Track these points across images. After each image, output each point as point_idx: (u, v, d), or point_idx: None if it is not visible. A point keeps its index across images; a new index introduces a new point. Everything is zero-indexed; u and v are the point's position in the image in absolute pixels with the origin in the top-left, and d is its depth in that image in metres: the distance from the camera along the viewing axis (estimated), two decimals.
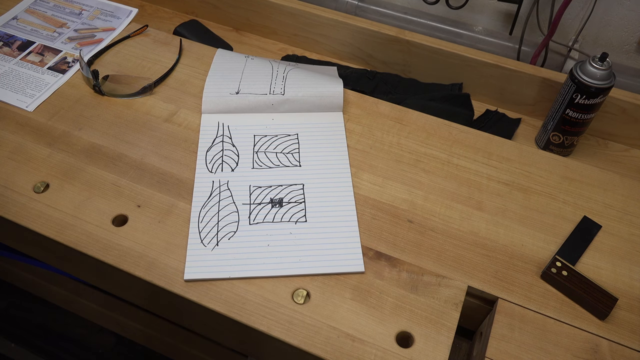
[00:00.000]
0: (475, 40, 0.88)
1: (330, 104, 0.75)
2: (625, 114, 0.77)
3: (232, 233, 0.61)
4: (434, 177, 0.69)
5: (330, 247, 0.60)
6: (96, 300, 0.91)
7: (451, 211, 0.65)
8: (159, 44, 0.85)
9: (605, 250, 0.63)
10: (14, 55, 0.81)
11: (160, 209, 0.62)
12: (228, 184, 0.65)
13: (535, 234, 0.63)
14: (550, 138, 0.77)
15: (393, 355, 0.52)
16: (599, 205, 0.67)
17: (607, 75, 0.68)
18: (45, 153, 0.68)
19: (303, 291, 0.56)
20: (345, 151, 0.70)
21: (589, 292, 0.57)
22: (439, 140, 0.73)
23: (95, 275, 0.66)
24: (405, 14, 0.91)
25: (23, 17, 0.88)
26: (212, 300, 0.55)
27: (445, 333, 0.54)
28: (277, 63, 0.79)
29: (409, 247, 0.61)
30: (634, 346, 0.54)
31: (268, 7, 0.90)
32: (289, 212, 0.63)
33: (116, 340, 1.12)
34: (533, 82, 0.80)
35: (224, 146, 0.70)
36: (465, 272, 0.59)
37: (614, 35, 0.82)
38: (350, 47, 0.90)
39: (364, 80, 0.87)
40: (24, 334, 1.14)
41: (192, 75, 0.80)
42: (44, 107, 0.73)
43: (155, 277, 0.56)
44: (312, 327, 0.54)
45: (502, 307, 0.57)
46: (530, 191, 0.68)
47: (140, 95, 0.76)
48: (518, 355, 0.53)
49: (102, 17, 0.90)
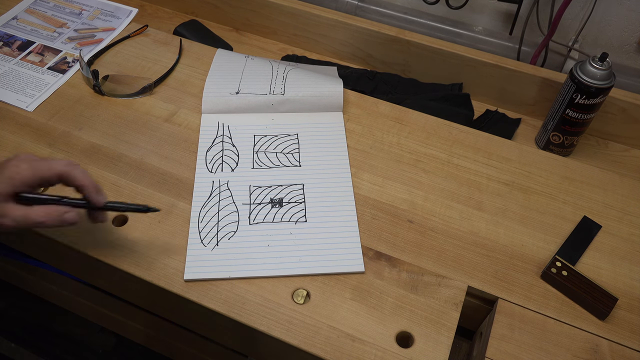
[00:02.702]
0: (475, 40, 0.88)
1: (330, 104, 0.75)
2: (625, 114, 0.77)
3: (232, 233, 0.61)
4: (434, 177, 0.69)
5: (330, 247, 0.60)
6: (96, 300, 0.91)
7: (451, 211, 0.65)
8: (159, 44, 0.85)
9: (605, 250, 0.63)
10: (14, 55, 0.81)
11: (160, 209, 0.62)
12: (228, 184, 0.65)
13: (535, 234, 0.63)
14: (550, 138, 0.77)
15: (393, 355, 0.52)
16: (599, 205, 0.67)
17: (607, 75, 0.68)
18: (45, 153, 0.67)
19: (303, 291, 0.56)
20: (345, 151, 0.70)
21: (589, 292, 0.57)
22: (439, 140, 0.73)
23: (95, 275, 0.66)
24: (405, 14, 0.91)
25: (23, 17, 0.88)
26: (212, 300, 0.55)
27: (445, 333, 0.54)
28: (277, 63, 0.79)
29: (409, 247, 0.61)
30: (634, 346, 0.54)
31: (268, 7, 0.90)
32: (289, 212, 0.63)
33: (116, 340, 1.12)
34: (533, 82, 0.80)
35: (224, 146, 0.70)
36: (465, 272, 0.59)
37: (614, 35, 0.82)
38: (350, 47, 0.90)
39: (364, 80, 0.87)
40: (24, 334, 1.14)
41: (192, 75, 0.80)
42: (44, 107, 0.73)
43: (155, 277, 0.56)
44: (312, 327, 0.54)
45: (502, 307, 0.57)
46: (530, 191, 0.68)
47: (140, 95, 0.76)
48: (518, 355, 0.53)
49: (102, 17, 0.90)
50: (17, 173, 0.46)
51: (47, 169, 0.46)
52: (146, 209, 0.53)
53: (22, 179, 0.46)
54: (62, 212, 0.47)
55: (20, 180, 0.46)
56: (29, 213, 0.46)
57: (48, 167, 0.46)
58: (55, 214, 0.47)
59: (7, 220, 0.46)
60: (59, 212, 0.47)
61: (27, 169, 0.46)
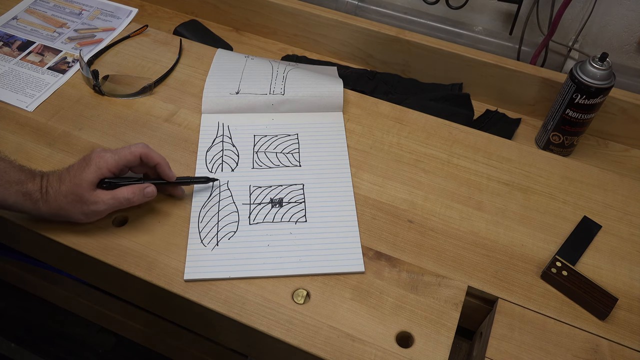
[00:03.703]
0: (475, 40, 0.88)
1: (330, 104, 0.75)
2: (625, 114, 0.77)
3: (232, 233, 0.61)
4: (434, 177, 0.69)
5: (330, 247, 0.60)
6: (96, 300, 0.91)
7: (451, 211, 0.65)
8: (159, 44, 0.85)
9: (605, 250, 0.63)
10: (14, 55, 0.81)
11: (160, 209, 0.62)
12: (228, 184, 0.65)
13: (535, 234, 0.63)
14: (550, 138, 0.77)
15: (393, 355, 0.52)
16: (599, 205, 0.67)
17: (607, 75, 0.68)
18: (45, 153, 0.67)
19: (303, 291, 0.56)
20: (345, 151, 0.70)
21: (589, 292, 0.57)
22: (439, 140, 0.73)
23: (95, 275, 0.66)
24: (405, 14, 0.91)
25: (23, 17, 0.88)
26: (212, 300, 0.55)
27: (445, 333, 0.54)
28: (277, 63, 0.79)
29: (409, 247, 0.61)
30: (634, 346, 0.54)
31: (268, 7, 0.90)
32: (289, 212, 0.63)
33: (116, 340, 1.12)
34: (533, 82, 0.80)
35: (224, 146, 0.70)
36: (465, 272, 0.59)
37: (614, 35, 0.82)
38: (350, 47, 0.90)
39: (364, 80, 0.87)
40: (24, 334, 1.14)
41: (192, 75, 0.80)
42: (44, 107, 0.73)
43: (155, 277, 0.56)
44: (312, 327, 0.54)
45: (502, 307, 0.57)
46: (530, 191, 0.68)
47: (140, 95, 0.76)
48: (518, 355, 0.53)
49: (102, 17, 0.90)
50: (104, 162, 0.54)
51: (129, 153, 0.54)
52: (206, 180, 0.62)
53: (108, 167, 0.54)
54: (143, 187, 0.56)
55: (106, 168, 0.54)
56: (116, 194, 0.55)
57: (130, 152, 0.54)
58: (138, 190, 0.56)
59: (100, 205, 0.54)
60: (140, 188, 0.56)
61: (111, 156, 0.54)
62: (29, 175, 0.55)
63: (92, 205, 0.54)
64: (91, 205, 0.54)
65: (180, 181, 0.62)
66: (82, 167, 0.54)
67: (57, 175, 0.55)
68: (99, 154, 0.55)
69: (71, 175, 0.54)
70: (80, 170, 0.54)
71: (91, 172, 0.53)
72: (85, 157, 0.56)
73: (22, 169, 0.56)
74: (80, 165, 0.55)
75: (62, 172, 0.55)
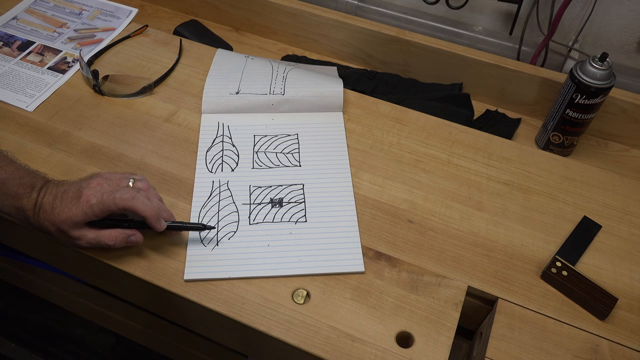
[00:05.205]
0: (475, 40, 0.88)
1: (330, 104, 0.75)
2: (625, 114, 0.77)
3: (232, 233, 0.61)
4: (434, 177, 0.69)
5: (330, 247, 0.60)
6: (96, 300, 0.91)
7: (451, 211, 0.65)
8: (159, 44, 0.85)
9: (605, 250, 0.63)
10: (14, 55, 0.81)
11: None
12: (228, 184, 0.65)
13: (535, 234, 0.63)
14: (550, 138, 0.77)
15: (393, 355, 0.52)
16: (599, 205, 0.67)
17: (607, 75, 0.68)
18: (45, 153, 0.67)
19: (303, 291, 0.56)
20: (345, 151, 0.70)
21: (589, 292, 0.57)
22: (439, 140, 0.73)
23: (95, 275, 0.66)
24: (405, 14, 0.91)
25: (23, 17, 0.88)
26: (212, 300, 0.55)
27: (445, 333, 0.54)
28: (277, 63, 0.79)
29: (409, 247, 0.61)
30: (634, 346, 0.54)
31: (268, 7, 0.90)
32: (289, 212, 0.63)
33: (116, 340, 1.12)
34: (533, 82, 0.80)
35: (224, 146, 0.70)
36: (465, 272, 0.59)
37: (614, 35, 0.82)
38: (350, 47, 0.90)
39: (364, 80, 0.87)
40: (24, 334, 1.14)
41: (192, 75, 0.80)
42: (44, 107, 0.73)
43: (155, 277, 0.56)
44: (312, 327, 0.54)
45: (502, 307, 0.57)
46: (530, 191, 0.68)
47: (140, 95, 0.76)
48: (518, 355, 0.53)
49: (102, 17, 0.90)
50: (90, 208, 0.53)
51: (113, 204, 0.53)
52: (202, 227, 0.58)
53: (94, 213, 0.53)
54: (128, 235, 0.56)
55: (92, 214, 0.53)
56: (99, 236, 0.55)
57: (114, 203, 0.53)
58: (121, 237, 0.55)
59: (82, 242, 0.55)
60: (125, 236, 0.55)
61: (97, 204, 0.53)
62: (27, 189, 0.55)
63: (75, 240, 0.55)
64: (74, 239, 0.55)
65: (172, 228, 0.58)
66: (73, 201, 0.53)
67: (53, 196, 0.54)
68: (87, 197, 0.53)
69: (63, 205, 0.53)
70: (70, 204, 0.53)
71: (78, 214, 0.53)
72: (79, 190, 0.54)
73: (22, 183, 0.55)
74: (72, 199, 0.54)
75: (57, 196, 0.54)
